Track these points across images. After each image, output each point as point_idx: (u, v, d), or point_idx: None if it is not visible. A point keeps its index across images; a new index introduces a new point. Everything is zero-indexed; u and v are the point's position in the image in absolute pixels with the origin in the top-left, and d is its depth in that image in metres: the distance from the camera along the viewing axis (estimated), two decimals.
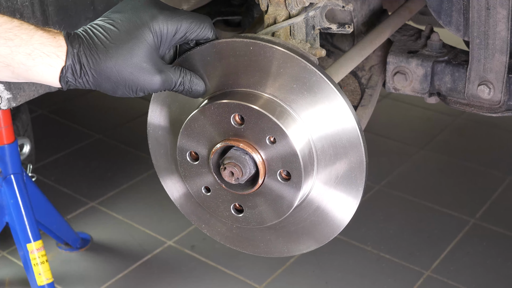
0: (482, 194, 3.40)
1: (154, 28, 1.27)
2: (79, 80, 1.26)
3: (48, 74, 1.25)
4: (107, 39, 1.25)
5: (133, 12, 1.28)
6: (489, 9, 1.63)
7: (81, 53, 1.24)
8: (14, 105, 1.83)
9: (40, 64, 1.23)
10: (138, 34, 1.26)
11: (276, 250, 1.49)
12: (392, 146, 3.86)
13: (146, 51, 1.26)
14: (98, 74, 1.25)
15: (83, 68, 1.24)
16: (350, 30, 1.44)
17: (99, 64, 1.24)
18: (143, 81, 1.27)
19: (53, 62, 1.24)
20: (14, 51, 1.22)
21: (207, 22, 1.33)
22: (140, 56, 1.25)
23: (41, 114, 4.27)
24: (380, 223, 3.22)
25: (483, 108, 1.81)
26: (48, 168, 3.72)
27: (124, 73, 1.25)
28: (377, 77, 2.00)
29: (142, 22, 1.26)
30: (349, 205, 1.39)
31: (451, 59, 1.86)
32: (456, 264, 2.94)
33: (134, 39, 1.25)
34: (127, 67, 1.25)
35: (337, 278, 2.89)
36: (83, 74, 1.25)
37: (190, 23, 1.30)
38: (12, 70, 1.25)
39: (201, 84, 1.35)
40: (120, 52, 1.24)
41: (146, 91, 1.29)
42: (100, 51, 1.24)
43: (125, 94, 1.29)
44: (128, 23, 1.26)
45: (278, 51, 1.31)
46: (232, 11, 2.50)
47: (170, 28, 1.28)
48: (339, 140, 1.34)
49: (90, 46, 1.24)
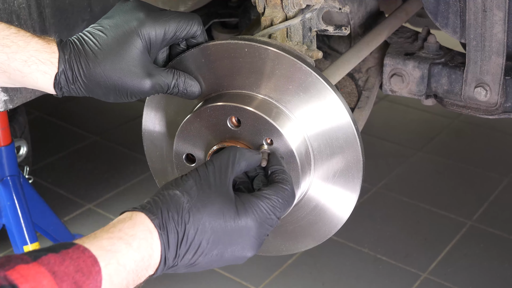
0: (479, 196, 3.40)
1: (141, 32, 1.27)
2: (72, 87, 1.27)
3: (43, 81, 1.26)
4: (96, 45, 1.26)
5: (121, 17, 1.28)
6: (486, 11, 1.63)
7: (72, 60, 1.25)
8: (11, 107, 1.83)
9: (35, 71, 1.25)
10: (125, 39, 1.26)
11: (274, 249, 1.49)
12: (389, 148, 3.86)
13: (134, 56, 1.26)
14: (88, 80, 1.26)
15: (75, 75, 1.25)
16: (347, 32, 1.45)
17: (88, 70, 1.25)
18: (132, 85, 1.27)
19: (48, 69, 1.25)
20: (10, 57, 1.23)
21: (195, 19, 1.33)
22: (128, 61, 1.26)
23: (38, 116, 4.27)
24: (377, 225, 3.22)
25: (480, 110, 1.81)
26: (45, 170, 3.71)
27: (113, 78, 1.26)
28: (374, 79, 2.00)
29: (130, 27, 1.27)
30: (347, 203, 1.39)
31: (448, 61, 1.86)
32: (453, 266, 2.94)
33: (122, 44, 1.26)
34: (115, 72, 1.25)
35: (334, 280, 2.89)
36: (75, 81, 1.26)
37: (178, 22, 1.31)
38: (9, 76, 1.26)
39: (196, 85, 1.35)
40: (108, 57, 1.25)
41: (137, 95, 1.29)
42: (89, 57, 1.25)
43: (117, 99, 1.29)
44: (116, 29, 1.27)
45: (274, 53, 1.31)
46: (229, 13, 2.50)
47: (158, 30, 1.29)
48: (335, 139, 1.34)
49: (80, 53, 1.25)
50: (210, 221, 1.16)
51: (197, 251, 1.16)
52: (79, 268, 0.99)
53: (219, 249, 1.18)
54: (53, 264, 0.98)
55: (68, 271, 0.98)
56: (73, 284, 0.97)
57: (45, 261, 0.98)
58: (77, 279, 0.98)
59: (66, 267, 0.98)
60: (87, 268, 1.01)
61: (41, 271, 0.96)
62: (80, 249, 1.02)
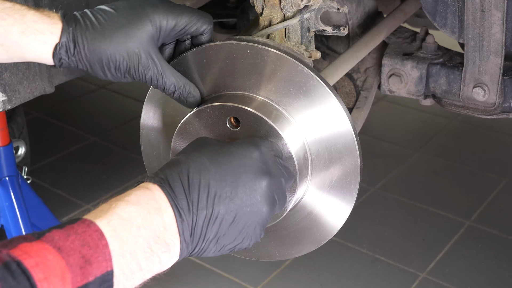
0: (478, 196, 3.40)
1: (154, 18, 1.27)
2: (72, 58, 1.26)
3: (41, 51, 1.25)
4: (105, 21, 1.26)
5: (136, 1, 1.29)
6: (484, 11, 1.63)
7: (77, 32, 1.24)
8: (9, 107, 1.83)
9: (33, 41, 1.24)
10: (137, 21, 1.26)
11: (267, 254, 1.48)
12: (387, 148, 3.86)
13: (142, 39, 1.26)
14: (91, 53, 1.25)
15: (77, 47, 1.25)
16: (345, 33, 1.45)
17: (93, 44, 1.25)
18: (134, 67, 1.27)
19: (47, 39, 1.24)
20: (7, 30, 1.23)
21: (207, 17, 1.34)
22: (135, 42, 1.26)
23: (37, 116, 4.26)
24: (375, 225, 3.22)
25: (478, 110, 1.81)
26: (43, 170, 3.71)
27: (117, 55, 1.26)
28: (372, 79, 2.00)
29: (144, 11, 1.27)
30: (342, 211, 1.38)
31: (446, 61, 1.86)
32: (451, 266, 2.94)
33: (132, 26, 1.26)
34: (120, 50, 1.25)
35: (332, 281, 2.89)
36: (76, 53, 1.26)
37: (191, 17, 1.31)
38: (7, 50, 1.26)
39: (197, 96, 1.35)
40: (115, 34, 1.25)
41: (136, 78, 1.29)
42: (97, 31, 1.25)
43: (114, 77, 1.29)
44: (129, 10, 1.27)
45: (275, 54, 1.31)
46: (227, 13, 2.50)
47: (170, 21, 1.29)
48: (334, 145, 1.33)
49: (87, 26, 1.25)
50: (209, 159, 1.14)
51: (209, 194, 1.11)
52: (85, 242, 0.97)
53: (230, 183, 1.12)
54: (58, 240, 0.96)
55: (73, 246, 0.96)
56: (81, 258, 0.96)
57: (49, 238, 0.96)
58: (84, 253, 0.96)
59: (71, 242, 0.96)
60: (93, 242, 0.98)
61: (45, 248, 0.94)
62: (85, 223, 1.00)
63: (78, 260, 0.95)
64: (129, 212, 1.05)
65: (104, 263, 0.98)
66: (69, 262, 0.95)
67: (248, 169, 1.15)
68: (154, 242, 1.05)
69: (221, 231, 1.12)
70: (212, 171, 1.12)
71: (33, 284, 0.90)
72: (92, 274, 0.96)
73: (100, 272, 0.97)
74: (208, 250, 1.13)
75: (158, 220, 1.06)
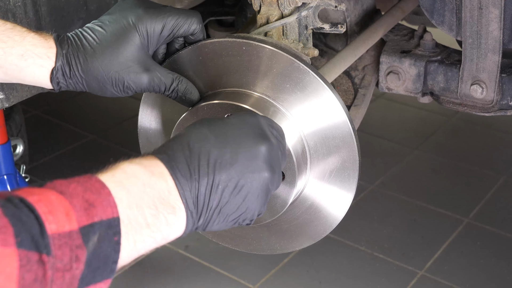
0: (476, 194, 3.40)
1: (139, 27, 1.28)
2: (69, 81, 1.28)
3: (39, 75, 1.27)
4: (94, 40, 1.27)
5: (120, 14, 1.29)
6: (482, 8, 1.63)
7: (70, 54, 1.26)
8: (7, 105, 1.83)
9: (32, 65, 1.25)
10: (123, 34, 1.27)
11: (269, 248, 1.49)
12: (385, 146, 3.87)
13: (131, 50, 1.27)
14: (85, 74, 1.27)
15: (72, 70, 1.26)
16: (343, 30, 1.45)
17: (86, 64, 1.26)
18: (129, 80, 1.28)
19: (44, 63, 1.26)
20: (7, 52, 1.24)
21: (195, 17, 1.34)
22: (125, 56, 1.27)
23: (35, 114, 4.26)
24: (374, 223, 3.22)
25: (476, 108, 1.81)
26: (41, 168, 3.71)
27: (111, 72, 1.27)
28: (370, 77, 2.01)
29: (128, 22, 1.28)
30: (343, 202, 1.39)
31: (444, 58, 1.87)
32: (450, 264, 2.94)
33: (119, 39, 1.27)
34: (113, 66, 1.26)
35: (331, 278, 2.89)
36: (72, 76, 1.27)
37: (176, 19, 1.31)
38: (5, 72, 1.27)
39: (195, 93, 1.35)
40: (106, 51, 1.26)
41: (134, 90, 1.30)
42: (87, 51, 1.26)
43: (114, 94, 1.30)
44: (115, 24, 1.28)
45: (271, 51, 1.31)
46: (225, 11, 2.50)
47: (156, 27, 1.29)
48: (331, 137, 1.34)
49: (78, 47, 1.26)
50: (209, 129, 1.13)
51: (209, 160, 1.10)
52: (87, 188, 0.97)
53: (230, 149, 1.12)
54: (60, 186, 0.96)
55: (76, 192, 0.96)
56: (85, 202, 0.95)
57: (50, 185, 0.97)
58: (87, 197, 0.96)
59: (73, 189, 0.97)
60: (95, 189, 0.98)
61: (47, 191, 0.95)
62: (87, 176, 1.01)
63: (82, 203, 0.95)
64: (134, 169, 1.06)
65: (109, 209, 0.97)
66: (73, 202, 0.94)
67: (248, 135, 1.15)
68: (160, 202, 1.05)
69: (224, 199, 1.11)
70: (212, 139, 1.12)
71: (37, 215, 0.89)
72: (97, 215, 0.95)
73: (106, 216, 0.96)
74: (212, 221, 1.12)
75: (162, 183, 1.06)
